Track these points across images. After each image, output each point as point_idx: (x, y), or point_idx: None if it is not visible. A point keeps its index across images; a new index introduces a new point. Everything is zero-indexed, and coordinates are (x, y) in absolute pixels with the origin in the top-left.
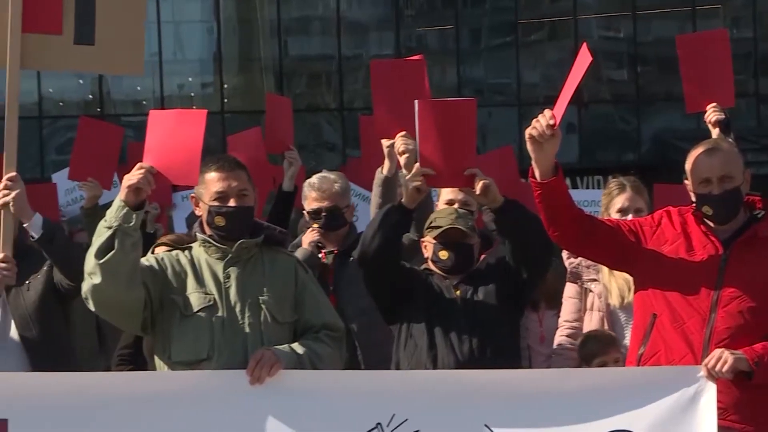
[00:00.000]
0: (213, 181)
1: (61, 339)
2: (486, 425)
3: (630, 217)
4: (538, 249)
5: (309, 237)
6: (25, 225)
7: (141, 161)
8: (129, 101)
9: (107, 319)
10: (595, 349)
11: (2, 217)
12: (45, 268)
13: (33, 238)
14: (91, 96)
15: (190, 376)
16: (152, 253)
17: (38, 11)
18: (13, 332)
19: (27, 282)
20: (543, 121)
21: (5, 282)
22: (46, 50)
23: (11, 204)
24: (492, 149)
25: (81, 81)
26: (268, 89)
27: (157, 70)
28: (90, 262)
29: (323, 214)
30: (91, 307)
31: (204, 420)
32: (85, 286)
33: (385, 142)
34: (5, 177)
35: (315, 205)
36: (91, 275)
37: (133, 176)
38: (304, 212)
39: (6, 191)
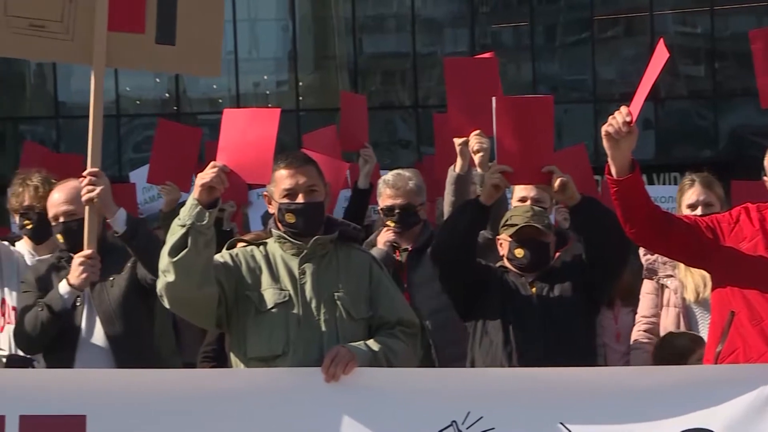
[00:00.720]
0: (282, 179)
1: (145, 335)
2: (562, 423)
3: (699, 211)
4: (615, 246)
5: (385, 236)
6: (108, 220)
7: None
8: (205, 100)
9: (182, 316)
10: (689, 345)
11: (87, 213)
12: (129, 264)
13: (117, 233)
14: (167, 94)
15: (266, 374)
16: (228, 249)
17: (123, 10)
18: (98, 328)
19: (111, 278)
20: (619, 118)
21: (90, 278)
22: (129, 49)
23: (96, 199)
24: (567, 146)
25: (158, 80)
26: (342, 87)
27: (232, 68)
28: (164, 260)
29: (397, 211)
30: (166, 304)
31: (279, 417)
32: (160, 284)
33: (457, 141)
34: (88, 173)
35: (389, 203)
36: (165, 273)
37: (206, 175)
38: (378, 210)
39: (91, 187)
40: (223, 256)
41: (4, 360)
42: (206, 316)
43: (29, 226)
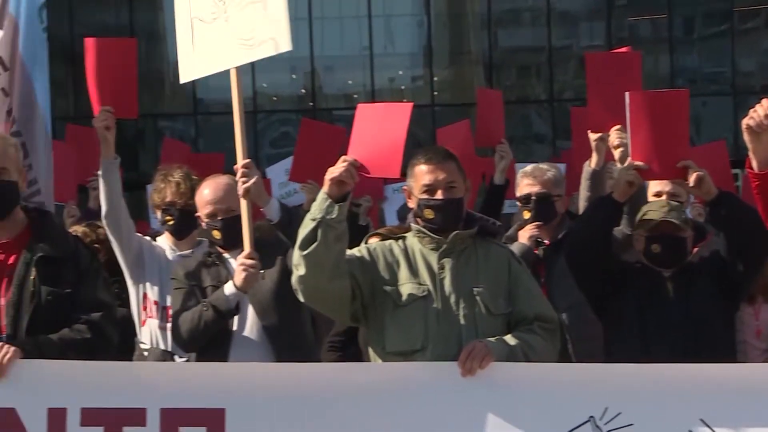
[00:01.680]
0: (422, 174)
1: (301, 325)
2: (702, 419)
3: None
4: (755, 242)
5: (528, 231)
6: (262, 209)
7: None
8: (340, 95)
9: (317, 309)
10: None
11: (243, 207)
12: (279, 257)
13: (271, 221)
14: (303, 90)
15: (403, 368)
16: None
17: None
18: (250, 322)
19: (261, 272)
20: (761, 110)
21: (252, 280)
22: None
23: (251, 190)
24: (707, 139)
25: (294, 76)
26: (477, 82)
27: (368, 63)
28: (296, 253)
29: (533, 198)
30: (300, 297)
31: (415, 411)
32: (294, 277)
33: (592, 136)
34: (240, 165)
35: (526, 191)
36: (297, 266)
37: (336, 169)
38: (516, 202)
39: (245, 178)
40: (360, 251)
41: (146, 354)
42: (340, 309)
43: (170, 222)
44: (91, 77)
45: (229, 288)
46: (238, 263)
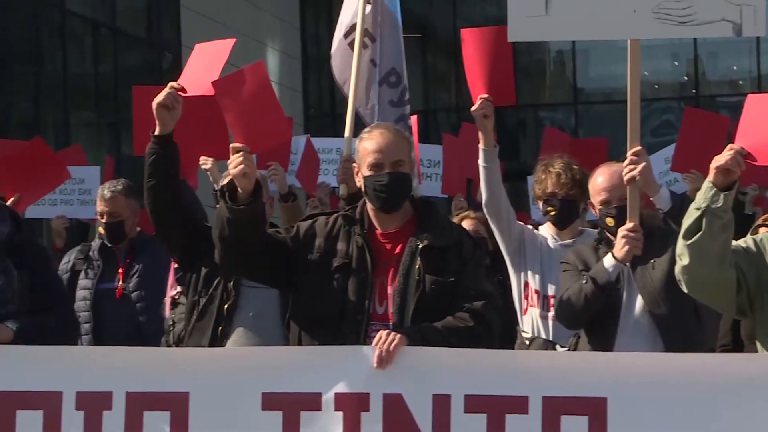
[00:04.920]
0: None
1: (690, 316)
2: None
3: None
4: None
5: None
6: (651, 198)
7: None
8: (724, 82)
9: (701, 300)
10: None
11: (629, 191)
12: (671, 246)
13: (662, 211)
14: (686, 78)
15: None
16: (752, 234)
17: None
18: (638, 310)
19: (651, 261)
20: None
21: (633, 252)
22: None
23: (638, 177)
24: None
25: (676, 63)
26: None
27: (754, 49)
28: (679, 243)
29: None
30: (684, 288)
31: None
32: (677, 268)
33: None
34: (630, 152)
35: None
36: (681, 256)
37: (722, 157)
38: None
39: (632, 166)
40: (746, 242)
41: (527, 342)
42: (725, 301)
43: (552, 213)
44: (469, 67)
45: (608, 260)
46: (620, 234)
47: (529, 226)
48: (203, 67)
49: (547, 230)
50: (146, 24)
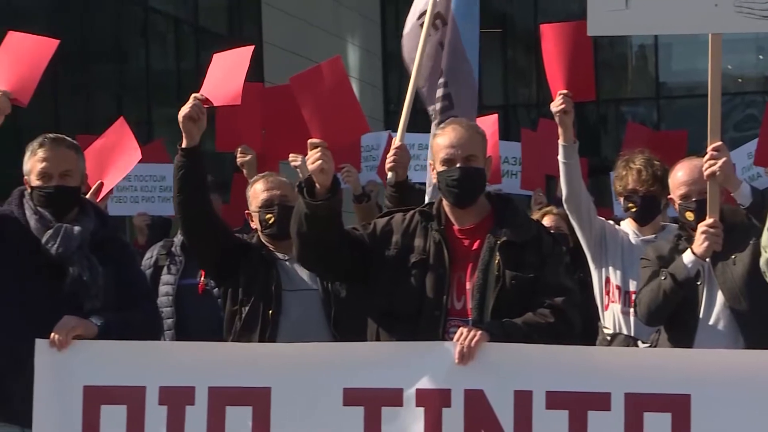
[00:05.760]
0: None
1: None
2: None
3: None
4: None
5: None
6: (732, 194)
7: None
8: None
9: None
10: None
11: (709, 186)
12: (752, 241)
13: (743, 206)
14: None
15: None
16: None
17: None
18: (718, 308)
19: (733, 257)
20: None
21: (712, 248)
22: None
23: (718, 173)
24: None
25: (761, 56)
26: None
27: None
28: (764, 235)
29: None
30: None
31: None
32: (762, 260)
33: None
34: (711, 147)
35: None
36: (765, 248)
37: None
38: None
39: (713, 161)
40: None
41: (609, 338)
42: None
43: (633, 209)
44: (548, 63)
45: (687, 256)
46: (700, 230)
47: (611, 222)
48: (225, 77)
49: (628, 226)
50: (228, 21)
